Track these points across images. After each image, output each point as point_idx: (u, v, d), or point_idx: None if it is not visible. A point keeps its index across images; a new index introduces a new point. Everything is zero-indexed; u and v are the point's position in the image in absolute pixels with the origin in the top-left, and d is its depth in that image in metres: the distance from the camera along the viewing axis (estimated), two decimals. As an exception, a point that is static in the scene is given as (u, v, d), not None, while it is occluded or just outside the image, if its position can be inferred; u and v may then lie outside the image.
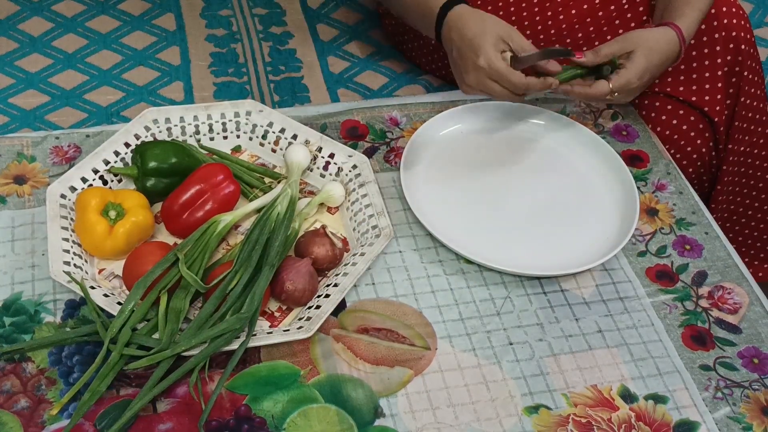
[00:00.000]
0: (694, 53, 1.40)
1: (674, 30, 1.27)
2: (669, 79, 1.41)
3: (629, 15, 1.40)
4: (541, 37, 1.44)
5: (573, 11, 1.42)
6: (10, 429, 0.96)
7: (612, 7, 1.41)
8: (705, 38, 1.39)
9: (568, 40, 1.44)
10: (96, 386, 0.98)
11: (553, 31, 1.44)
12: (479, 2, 1.46)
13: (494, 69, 1.17)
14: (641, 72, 1.23)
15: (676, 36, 1.27)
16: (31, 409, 0.98)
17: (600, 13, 1.42)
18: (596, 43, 1.43)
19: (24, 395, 0.99)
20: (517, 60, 1.18)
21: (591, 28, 1.43)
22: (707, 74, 1.40)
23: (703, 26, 1.38)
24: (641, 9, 1.40)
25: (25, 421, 0.97)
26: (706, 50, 1.39)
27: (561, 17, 1.43)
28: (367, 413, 1.01)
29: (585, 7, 1.42)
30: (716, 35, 1.38)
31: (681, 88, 1.41)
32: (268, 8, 1.74)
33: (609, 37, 1.42)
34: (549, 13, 1.43)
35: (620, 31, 1.42)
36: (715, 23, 1.38)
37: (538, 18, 1.43)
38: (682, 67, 1.41)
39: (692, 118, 1.43)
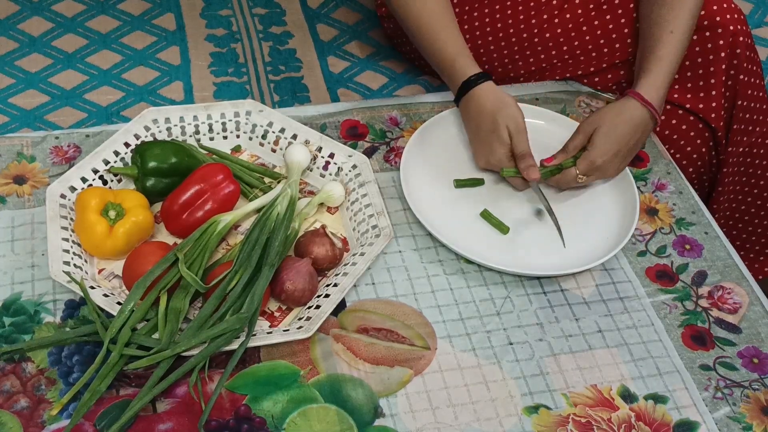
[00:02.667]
0: (688, 63, 1.39)
1: (633, 97, 1.26)
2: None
3: (623, 20, 1.40)
4: (536, 40, 1.44)
5: (568, 15, 1.42)
6: (10, 429, 0.96)
7: (608, 17, 1.41)
8: (699, 47, 1.37)
9: (565, 48, 1.43)
10: (96, 386, 0.97)
11: (548, 35, 1.43)
12: (477, 6, 1.46)
13: (501, 166, 1.26)
14: (604, 150, 1.22)
15: (637, 103, 1.25)
16: (30, 409, 0.98)
17: (596, 22, 1.41)
18: (593, 54, 1.43)
19: (24, 395, 0.99)
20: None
21: (587, 37, 1.42)
22: (705, 81, 1.40)
23: (696, 37, 1.37)
24: (635, 15, 1.39)
25: (25, 421, 0.97)
26: (702, 59, 1.38)
27: (556, 21, 1.42)
28: (367, 413, 1.01)
29: (579, 11, 1.42)
30: (714, 42, 1.37)
31: (676, 96, 1.41)
32: (268, 8, 1.74)
33: (606, 50, 1.42)
34: (545, 16, 1.43)
35: (615, 43, 1.41)
36: (709, 33, 1.37)
37: (534, 21, 1.43)
38: (677, 76, 1.40)
39: (691, 119, 1.43)
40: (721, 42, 1.37)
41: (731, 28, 1.36)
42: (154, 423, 0.98)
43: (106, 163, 1.18)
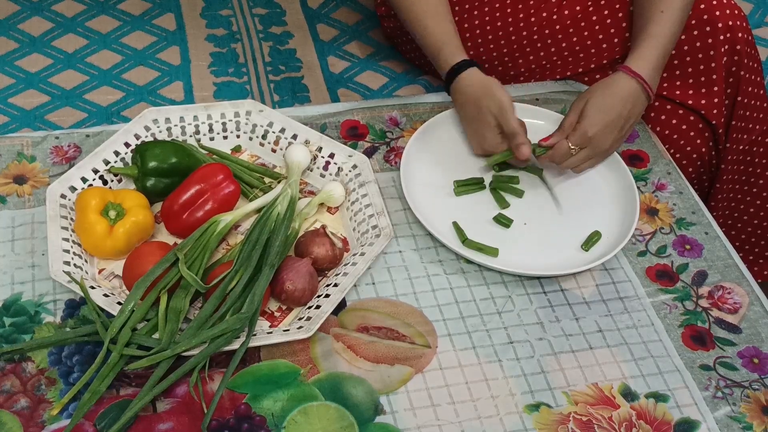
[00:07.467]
0: (688, 58, 1.40)
1: (622, 70, 1.28)
2: (666, 84, 1.41)
3: (620, 15, 1.40)
4: (535, 37, 1.44)
5: (566, 12, 1.43)
6: (10, 429, 0.96)
7: (606, 12, 1.41)
8: (699, 43, 1.38)
9: (564, 44, 1.44)
10: (96, 386, 0.97)
11: (547, 32, 1.44)
12: (477, 4, 1.47)
13: (495, 151, 1.27)
14: (595, 120, 1.24)
15: (626, 75, 1.27)
16: (31, 409, 0.98)
17: (594, 17, 1.42)
18: (592, 50, 1.43)
19: (24, 395, 0.99)
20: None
21: (585, 33, 1.43)
22: (706, 77, 1.40)
23: (696, 32, 1.37)
24: (632, 9, 1.40)
25: (25, 421, 0.97)
26: (701, 54, 1.39)
27: (554, 18, 1.43)
28: (368, 410, 1.01)
29: (577, 8, 1.43)
30: (713, 38, 1.37)
31: (678, 92, 1.41)
32: (268, 8, 1.74)
33: (605, 46, 1.42)
34: (544, 14, 1.43)
35: (613, 39, 1.41)
36: (709, 28, 1.37)
37: (533, 19, 1.44)
38: (677, 72, 1.40)
39: (692, 118, 1.43)
40: (720, 37, 1.37)
41: (729, 23, 1.37)
42: (154, 423, 0.98)
43: (106, 163, 1.18)
